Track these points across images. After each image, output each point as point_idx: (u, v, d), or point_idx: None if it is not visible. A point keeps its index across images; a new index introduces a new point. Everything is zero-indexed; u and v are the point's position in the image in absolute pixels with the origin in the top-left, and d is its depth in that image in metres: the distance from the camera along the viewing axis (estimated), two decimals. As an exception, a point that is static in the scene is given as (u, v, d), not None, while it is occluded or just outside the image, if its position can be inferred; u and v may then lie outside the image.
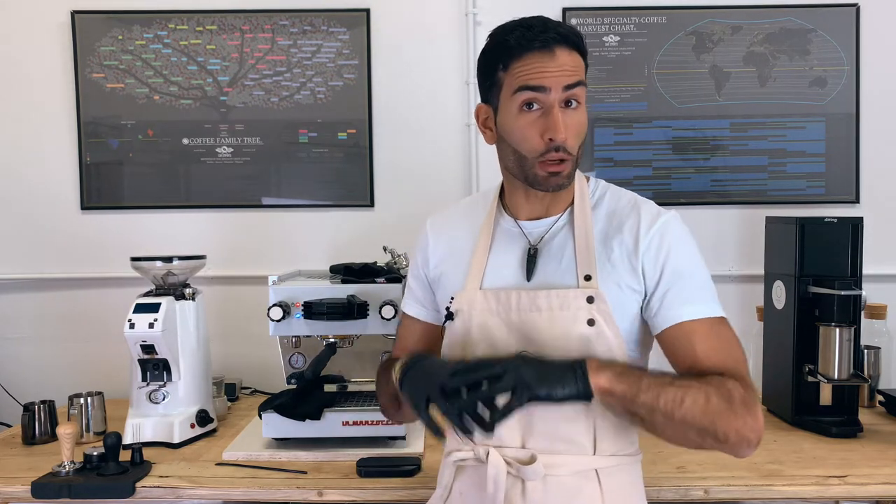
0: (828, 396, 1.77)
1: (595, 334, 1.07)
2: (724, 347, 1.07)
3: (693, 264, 1.10)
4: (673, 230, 1.11)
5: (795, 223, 1.77)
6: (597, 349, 1.07)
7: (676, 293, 1.08)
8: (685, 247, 1.11)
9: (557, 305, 1.09)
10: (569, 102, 1.07)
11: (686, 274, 1.08)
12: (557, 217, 1.16)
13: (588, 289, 1.08)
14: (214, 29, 2.19)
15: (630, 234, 1.10)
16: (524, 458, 1.09)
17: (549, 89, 1.05)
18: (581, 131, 1.10)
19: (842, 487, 1.40)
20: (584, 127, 1.11)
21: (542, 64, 1.05)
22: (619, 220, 1.13)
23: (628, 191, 1.19)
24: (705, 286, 1.10)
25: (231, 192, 2.21)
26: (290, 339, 1.73)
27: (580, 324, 1.07)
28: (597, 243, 1.12)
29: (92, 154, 2.20)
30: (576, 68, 1.07)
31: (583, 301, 1.08)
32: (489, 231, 1.19)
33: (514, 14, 1.11)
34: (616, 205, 1.15)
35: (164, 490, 1.43)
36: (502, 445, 1.10)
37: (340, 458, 1.55)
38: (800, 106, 2.18)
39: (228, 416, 1.93)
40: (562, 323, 1.08)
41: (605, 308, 1.07)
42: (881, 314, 1.99)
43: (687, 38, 2.18)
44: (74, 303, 2.23)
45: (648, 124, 2.18)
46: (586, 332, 1.07)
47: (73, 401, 1.77)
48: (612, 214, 1.14)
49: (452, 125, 2.20)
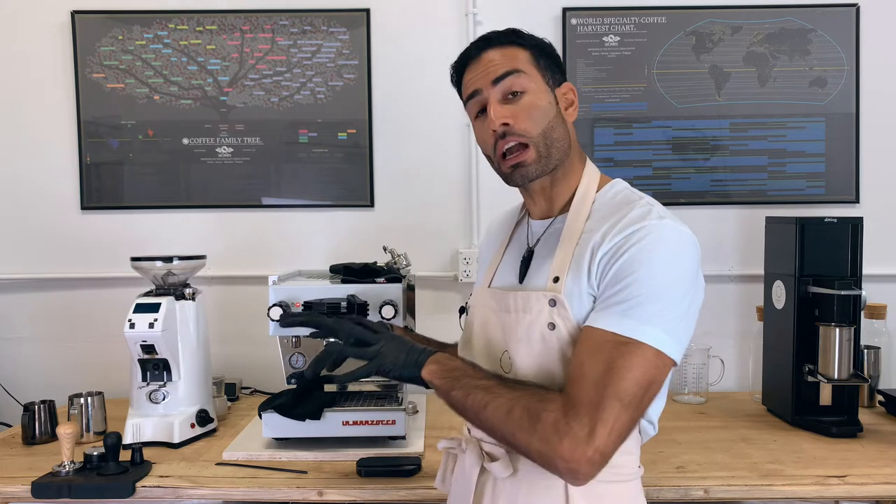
0: (828, 396, 1.77)
1: (555, 338, 1.03)
2: (593, 370, 0.93)
3: (645, 275, 0.96)
4: (645, 238, 0.98)
5: (795, 223, 1.77)
6: (555, 354, 1.03)
7: (606, 298, 0.98)
8: (648, 257, 0.97)
9: (522, 307, 1.08)
10: (512, 94, 1.10)
11: (627, 282, 0.97)
12: (556, 217, 1.16)
13: (551, 292, 1.04)
14: (214, 29, 2.19)
15: (600, 235, 1.02)
16: (497, 455, 1.09)
17: (480, 90, 1.12)
18: (532, 114, 1.09)
19: (842, 487, 1.40)
20: (540, 109, 1.09)
21: (473, 72, 1.13)
22: (603, 222, 1.05)
23: (643, 197, 1.09)
24: (642, 302, 0.95)
25: (231, 192, 2.21)
26: (290, 339, 1.73)
27: (541, 326, 1.05)
28: (578, 246, 1.05)
29: (92, 154, 2.20)
30: (505, 61, 1.11)
31: (545, 304, 1.05)
32: (509, 231, 1.25)
33: (514, 14, 1.12)
34: (614, 207, 1.08)
35: (164, 490, 1.43)
36: (483, 440, 1.12)
37: (340, 458, 1.55)
38: (800, 106, 2.18)
39: (228, 416, 1.93)
40: (526, 324, 1.07)
41: (565, 312, 1.02)
42: (881, 314, 1.99)
43: (687, 38, 2.18)
44: (74, 303, 2.23)
45: (648, 124, 2.18)
46: (547, 335, 1.04)
47: (73, 401, 1.77)
48: (602, 216, 1.07)
49: (452, 125, 2.20)
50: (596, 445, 0.90)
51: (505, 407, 0.96)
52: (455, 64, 1.18)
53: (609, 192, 1.12)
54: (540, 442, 0.92)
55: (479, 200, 2.20)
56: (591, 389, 0.92)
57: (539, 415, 0.93)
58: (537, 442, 0.92)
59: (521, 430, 0.94)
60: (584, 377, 0.94)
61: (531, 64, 1.12)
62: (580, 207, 1.11)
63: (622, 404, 0.92)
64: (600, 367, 0.93)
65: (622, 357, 0.93)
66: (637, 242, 0.98)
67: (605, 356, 0.94)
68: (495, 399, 0.98)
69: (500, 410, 0.96)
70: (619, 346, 0.94)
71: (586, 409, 0.91)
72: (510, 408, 0.96)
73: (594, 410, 0.91)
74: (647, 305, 0.95)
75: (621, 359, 0.93)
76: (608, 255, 1.00)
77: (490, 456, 1.11)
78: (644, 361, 0.94)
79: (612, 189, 1.13)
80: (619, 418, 0.91)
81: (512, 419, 0.95)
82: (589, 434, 0.90)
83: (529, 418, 0.93)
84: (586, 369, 0.95)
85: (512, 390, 0.99)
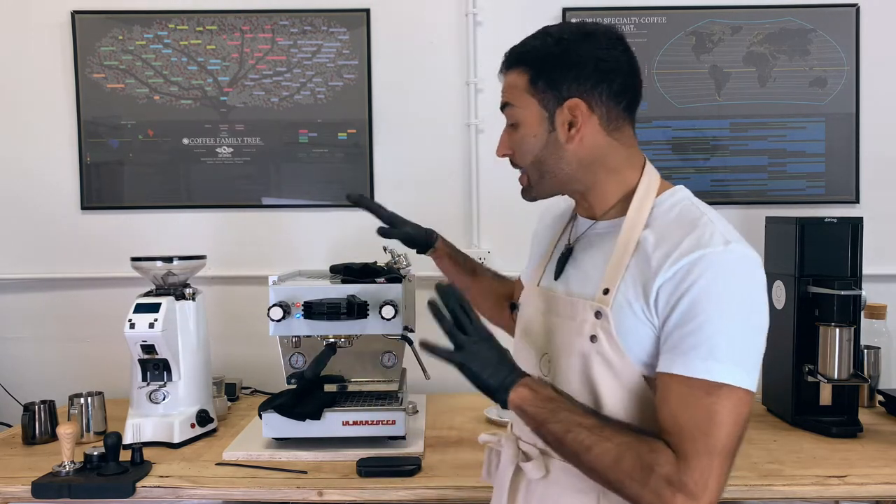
0: (828, 396, 1.77)
1: (595, 351, 1.01)
2: (692, 422, 0.92)
3: (717, 312, 0.93)
4: (710, 269, 0.93)
5: (795, 223, 1.77)
6: (594, 367, 1.01)
7: (677, 340, 0.95)
8: (717, 289, 0.93)
9: (568, 314, 1.07)
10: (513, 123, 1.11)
11: (699, 320, 0.93)
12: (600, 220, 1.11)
13: (598, 303, 1.02)
14: (214, 29, 2.19)
15: (660, 259, 0.97)
16: (532, 455, 1.09)
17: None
18: (521, 148, 1.10)
19: (842, 487, 1.40)
20: (528, 142, 1.08)
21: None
22: (662, 239, 0.99)
23: (705, 213, 1.02)
24: (719, 342, 0.92)
25: (231, 192, 2.21)
26: (290, 339, 1.73)
27: (583, 337, 1.03)
28: (633, 257, 1.01)
29: (92, 154, 2.20)
30: (506, 90, 1.11)
31: (590, 314, 1.02)
32: (560, 228, 1.23)
33: (514, 14, 1.12)
34: (674, 221, 1.02)
35: (164, 490, 1.43)
36: (520, 437, 1.13)
37: (340, 458, 1.55)
38: (800, 106, 2.18)
39: (228, 416, 1.93)
40: (568, 332, 1.06)
41: (608, 326, 1.00)
42: (881, 314, 1.99)
43: (687, 38, 2.18)
44: (74, 303, 2.23)
45: (648, 124, 2.18)
46: (587, 347, 1.02)
47: (73, 401, 1.77)
48: (662, 230, 1.01)
49: (453, 125, 2.20)
50: (708, 500, 0.91)
51: (613, 453, 0.94)
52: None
53: (668, 200, 1.06)
54: (652, 495, 0.92)
55: (479, 200, 2.20)
56: (698, 443, 0.92)
57: (652, 467, 0.92)
58: (649, 495, 0.92)
59: (632, 481, 0.93)
60: (685, 429, 0.93)
61: (526, 91, 1.07)
62: (637, 217, 1.04)
63: (726, 454, 0.92)
64: (699, 416, 0.92)
65: (718, 404, 0.92)
66: (703, 274, 0.93)
67: (702, 405, 0.92)
68: (601, 443, 0.95)
69: (608, 456, 0.94)
70: (710, 392, 0.92)
71: (697, 464, 0.91)
72: (619, 455, 0.94)
73: (706, 466, 0.91)
74: (727, 345, 0.93)
75: (718, 405, 0.92)
76: (671, 284, 0.95)
77: (526, 455, 1.11)
78: (737, 403, 0.92)
79: (673, 197, 1.06)
80: (724, 469, 0.92)
81: (621, 468, 0.93)
82: (703, 490, 0.91)
83: (641, 470, 0.92)
84: (684, 420, 0.93)
85: (617, 433, 0.95)
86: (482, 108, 2.18)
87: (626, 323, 0.99)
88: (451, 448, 1.64)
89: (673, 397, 0.94)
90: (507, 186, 1.17)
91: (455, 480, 1.43)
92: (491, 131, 2.16)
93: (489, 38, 2.13)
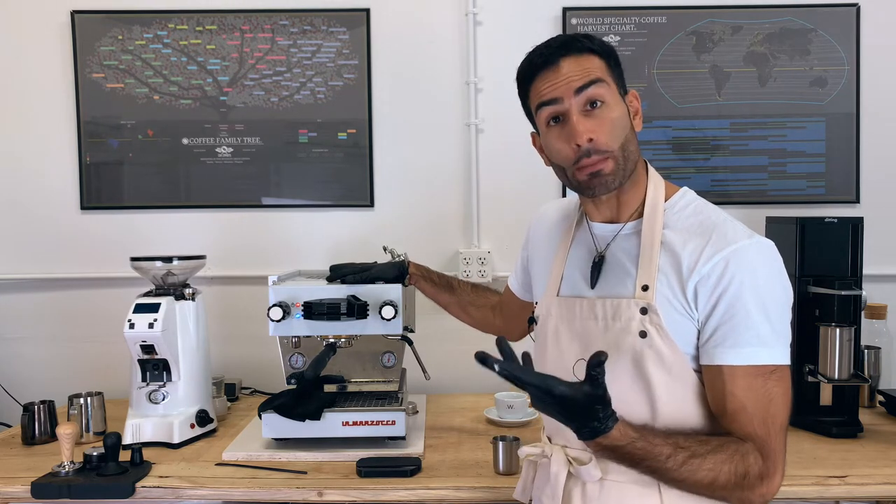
0: (828, 396, 1.76)
1: (647, 346, 1.04)
2: (758, 406, 1.00)
3: (757, 302, 1.00)
4: (744, 260, 1.01)
5: (795, 223, 1.77)
6: (647, 363, 1.04)
7: (726, 332, 1.01)
8: (753, 280, 1.01)
9: (611, 315, 1.08)
10: (592, 104, 1.08)
11: (743, 312, 1.00)
12: (626, 223, 1.14)
13: (642, 299, 1.05)
14: (214, 29, 2.19)
15: (691, 256, 1.04)
16: (584, 459, 1.09)
17: (560, 99, 1.08)
18: (613, 127, 1.07)
19: (842, 487, 1.40)
20: (619, 122, 1.08)
21: (549, 80, 1.09)
22: (688, 237, 1.06)
23: (716, 209, 1.11)
24: (764, 329, 1.00)
25: (231, 192, 2.21)
26: (290, 339, 1.73)
27: (632, 335, 1.05)
28: (661, 256, 1.06)
29: (92, 154, 2.20)
30: (585, 70, 1.08)
31: (636, 311, 1.05)
32: (569, 237, 1.23)
33: (514, 14, 1.12)
34: (693, 220, 1.08)
35: (163, 490, 1.43)
36: (567, 445, 1.13)
37: (340, 458, 1.55)
38: (800, 106, 2.18)
39: (228, 416, 1.93)
40: (615, 332, 1.07)
41: (658, 321, 1.04)
42: (881, 314, 1.99)
43: (687, 38, 2.18)
44: (74, 303, 2.23)
45: (649, 124, 2.18)
46: (638, 344, 1.05)
47: (73, 401, 1.77)
48: (685, 230, 1.07)
49: (452, 125, 2.20)
50: (782, 471, 1.02)
51: (712, 475, 0.98)
52: (525, 68, 1.13)
53: (680, 201, 1.13)
54: (752, 493, 1.00)
55: (479, 200, 2.19)
56: (769, 428, 1.01)
57: (746, 470, 0.99)
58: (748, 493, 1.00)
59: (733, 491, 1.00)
60: (755, 417, 1.01)
61: (607, 73, 1.09)
62: (654, 216, 1.11)
63: (786, 427, 1.03)
64: (763, 402, 1.01)
65: (775, 386, 1.01)
66: (739, 268, 1.01)
67: (762, 391, 1.01)
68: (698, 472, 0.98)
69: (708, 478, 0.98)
70: (766, 377, 1.01)
71: (771, 448, 1.01)
72: (717, 473, 0.98)
73: (778, 446, 1.02)
74: (770, 330, 1.01)
75: (775, 388, 1.01)
76: (710, 281, 1.02)
77: (577, 460, 1.10)
78: (786, 379, 1.03)
79: (683, 199, 1.13)
80: (785, 440, 1.03)
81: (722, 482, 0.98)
82: (780, 466, 1.02)
83: (739, 478, 0.99)
84: (752, 409, 1.01)
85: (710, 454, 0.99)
86: (482, 108, 2.17)
87: (669, 317, 1.04)
88: (451, 448, 1.64)
89: (734, 389, 1.01)
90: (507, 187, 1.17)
91: (455, 481, 1.43)
92: (491, 131, 2.16)
93: (489, 37, 2.13)
